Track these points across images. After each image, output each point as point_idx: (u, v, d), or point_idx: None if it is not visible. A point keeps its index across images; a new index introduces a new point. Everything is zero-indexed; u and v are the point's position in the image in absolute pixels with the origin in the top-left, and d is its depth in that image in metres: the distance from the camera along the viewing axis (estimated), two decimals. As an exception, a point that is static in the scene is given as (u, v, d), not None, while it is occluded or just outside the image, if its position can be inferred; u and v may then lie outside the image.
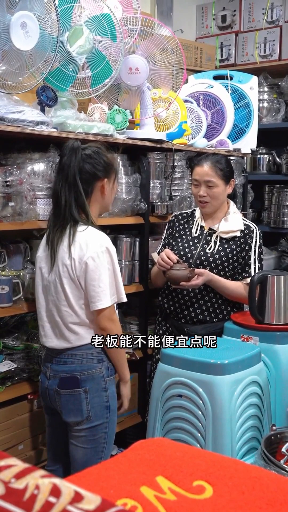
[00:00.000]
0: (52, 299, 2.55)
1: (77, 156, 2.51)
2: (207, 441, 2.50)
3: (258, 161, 5.66)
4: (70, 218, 2.50)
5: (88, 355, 2.52)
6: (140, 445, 1.37)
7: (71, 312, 2.51)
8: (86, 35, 2.93)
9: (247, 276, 3.18)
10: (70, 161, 2.51)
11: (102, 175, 2.59)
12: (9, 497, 0.77)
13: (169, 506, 1.08)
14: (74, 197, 2.51)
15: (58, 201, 2.54)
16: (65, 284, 2.49)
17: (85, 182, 2.54)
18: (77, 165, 2.51)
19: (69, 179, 2.51)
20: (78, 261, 2.46)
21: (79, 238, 2.48)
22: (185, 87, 4.26)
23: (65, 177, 2.52)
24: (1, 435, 2.86)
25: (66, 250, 2.48)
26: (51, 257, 2.53)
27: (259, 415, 2.68)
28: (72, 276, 2.47)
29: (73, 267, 2.46)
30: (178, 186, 3.76)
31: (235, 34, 5.77)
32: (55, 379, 2.55)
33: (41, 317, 2.63)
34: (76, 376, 2.51)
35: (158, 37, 3.28)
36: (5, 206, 2.75)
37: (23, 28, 2.60)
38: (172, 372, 2.65)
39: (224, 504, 1.09)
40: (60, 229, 2.52)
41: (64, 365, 2.54)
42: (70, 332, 2.52)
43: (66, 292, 2.50)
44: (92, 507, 0.74)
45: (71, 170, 2.51)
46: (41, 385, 2.64)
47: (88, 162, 2.55)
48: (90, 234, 2.50)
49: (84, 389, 2.50)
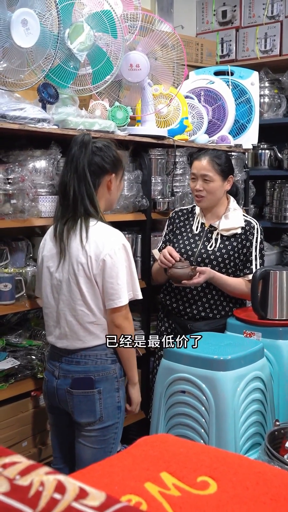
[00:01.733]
0: (64, 299, 2.49)
1: (87, 148, 2.47)
2: (211, 437, 2.50)
3: (260, 157, 5.67)
4: (82, 210, 2.45)
5: (103, 356, 2.50)
6: (144, 441, 1.37)
7: (87, 311, 2.46)
8: (87, 32, 2.93)
9: (248, 272, 3.18)
10: (81, 153, 2.46)
11: (110, 170, 2.56)
12: (14, 494, 0.77)
13: (174, 502, 1.09)
14: (84, 189, 2.46)
15: (66, 193, 2.47)
16: (81, 283, 2.43)
17: (93, 174, 2.50)
18: (87, 157, 2.47)
19: (79, 171, 2.45)
20: (95, 258, 2.41)
21: (93, 234, 2.44)
22: (186, 83, 4.26)
23: (74, 168, 2.46)
24: (5, 432, 2.87)
25: (79, 247, 2.43)
26: (60, 252, 2.48)
27: (262, 411, 2.69)
28: (89, 274, 2.42)
29: (90, 265, 2.42)
30: (179, 182, 3.76)
31: (235, 29, 5.76)
32: (66, 379, 2.50)
33: (51, 317, 2.57)
34: (90, 377, 2.47)
35: (158, 33, 3.28)
36: (7, 204, 2.75)
37: (23, 25, 2.60)
38: (175, 368, 2.65)
39: (228, 500, 1.09)
40: (70, 222, 2.47)
41: (76, 365, 2.50)
42: (86, 331, 2.48)
43: (83, 291, 2.44)
44: (97, 503, 0.75)
45: (80, 162, 2.45)
46: (48, 384, 2.59)
47: (98, 155, 2.52)
48: (105, 230, 2.47)
49: (98, 390, 2.47)
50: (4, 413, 2.87)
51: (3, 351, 2.98)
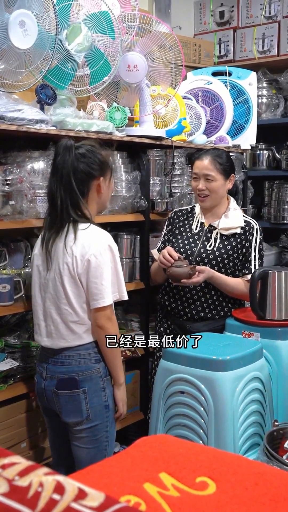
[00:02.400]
0: (50, 297, 2.53)
1: (70, 155, 2.47)
2: (210, 438, 2.50)
3: (258, 157, 5.66)
4: (68, 219, 2.47)
5: (86, 355, 2.51)
6: (143, 442, 1.37)
7: (71, 310, 2.49)
8: (85, 33, 2.93)
9: (247, 272, 3.18)
10: (64, 161, 2.46)
11: (98, 174, 2.55)
12: (13, 494, 0.77)
13: (173, 503, 1.09)
14: (69, 198, 2.47)
15: (54, 202, 2.49)
16: (65, 282, 2.46)
17: (80, 182, 2.50)
18: (70, 165, 2.46)
19: (64, 180, 2.46)
20: (80, 258, 2.43)
21: (81, 236, 2.46)
22: (184, 83, 4.27)
23: (59, 177, 2.47)
24: (4, 433, 2.86)
25: (66, 248, 2.45)
26: (46, 258, 2.52)
27: (261, 411, 2.69)
28: (73, 273, 2.45)
29: (75, 264, 2.44)
30: (178, 183, 3.76)
31: (233, 30, 5.76)
32: (52, 380, 2.52)
33: (37, 315, 2.61)
34: (74, 377, 2.49)
35: (156, 34, 3.28)
36: (5, 205, 2.75)
37: (21, 27, 2.60)
38: (174, 369, 2.65)
39: (228, 500, 1.10)
40: (56, 231, 2.50)
41: (61, 365, 2.52)
42: (69, 331, 2.50)
43: (66, 290, 2.47)
44: (96, 504, 0.75)
45: (65, 170, 2.46)
46: (37, 386, 2.61)
47: (83, 162, 2.50)
48: (93, 232, 2.48)
49: (83, 390, 2.48)
50: (3, 414, 2.87)
51: (1, 352, 2.98)
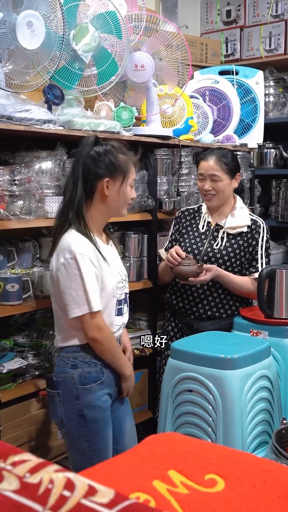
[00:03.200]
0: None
1: (86, 150, 2.46)
2: (218, 436, 2.51)
3: (265, 156, 5.66)
4: (69, 215, 2.45)
5: (64, 358, 2.47)
6: (152, 440, 1.38)
7: (59, 311, 2.49)
8: (92, 33, 2.94)
9: (254, 271, 3.18)
10: (79, 156, 2.47)
11: (103, 174, 2.46)
12: (24, 491, 0.78)
13: (182, 500, 1.09)
14: (73, 195, 2.44)
15: (64, 198, 2.51)
16: (51, 284, 2.51)
17: (86, 180, 2.45)
18: (82, 160, 2.46)
19: (74, 175, 2.46)
20: (54, 268, 2.44)
21: (60, 243, 2.43)
22: (191, 83, 4.27)
23: (71, 172, 2.50)
24: (13, 431, 2.88)
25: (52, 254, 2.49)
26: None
27: (269, 409, 2.69)
28: (52, 280, 2.48)
29: (52, 272, 2.46)
30: (185, 182, 3.77)
31: (240, 29, 5.76)
32: None
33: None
34: (52, 377, 2.49)
35: (163, 33, 3.28)
36: (13, 205, 2.76)
37: (29, 27, 2.61)
38: (182, 367, 2.66)
39: (236, 497, 1.10)
40: (59, 229, 2.48)
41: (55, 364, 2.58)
42: (57, 331, 2.53)
43: (52, 292, 2.51)
44: (106, 500, 0.75)
45: (77, 165, 2.46)
46: None
47: (93, 159, 2.46)
48: (67, 239, 2.41)
49: (58, 392, 2.46)
50: (12, 413, 2.88)
51: (11, 351, 2.99)
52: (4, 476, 0.82)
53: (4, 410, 2.81)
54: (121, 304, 2.58)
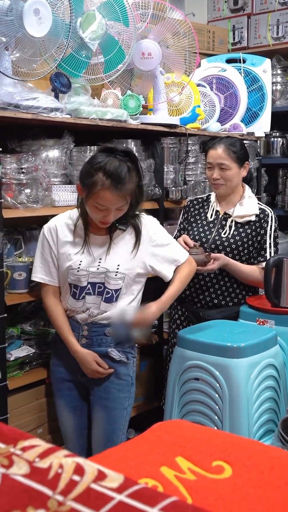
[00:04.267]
0: None
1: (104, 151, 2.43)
2: (224, 424, 2.52)
3: (272, 145, 5.64)
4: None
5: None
6: (159, 427, 1.38)
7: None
8: (99, 21, 2.93)
9: (262, 260, 3.18)
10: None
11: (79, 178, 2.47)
12: (34, 476, 0.79)
13: (189, 486, 1.10)
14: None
15: None
16: None
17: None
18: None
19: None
20: None
21: None
22: (198, 71, 4.25)
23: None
24: (21, 419, 2.90)
25: None
26: None
27: (276, 398, 2.70)
28: None
29: None
30: (192, 170, 3.76)
31: (247, 16, 5.73)
32: None
33: None
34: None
35: (170, 21, 3.27)
36: (20, 193, 2.77)
37: (36, 15, 2.60)
38: (188, 356, 2.66)
39: (243, 484, 1.11)
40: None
41: None
42: None
43: None
44: (115, 485, 0.76)
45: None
46: None
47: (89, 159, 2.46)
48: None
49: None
50: (19, 400, 2.90)
51: (18, 339, 3.00)
52: (14, 460, 0.82)
53: (11, 398, 2.83)
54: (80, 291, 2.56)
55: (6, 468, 0.80)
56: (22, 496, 0.74)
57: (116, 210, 2.40)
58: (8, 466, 0.81)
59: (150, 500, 0.72)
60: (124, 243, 2.57)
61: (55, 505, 0.72)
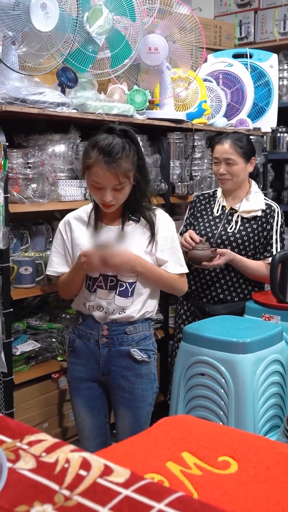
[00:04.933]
0: None
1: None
2: (230, 419, 2.52)
3: (278, 140, 5.63)
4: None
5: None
6: (165, 422, 1.39)
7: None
8: (105, 15, 2.93)
9: (268, 255, 3.18)
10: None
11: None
12: (40, 470, 0.79)
13: (195, 481, 1.10)
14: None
15: None
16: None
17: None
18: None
19: None
20: None
21: None
22: (205, 66, 4.24)
23: None
24: (26, 413, 2.90)
25: None
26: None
27: (281, 393, 2.70)
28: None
29: None
30: (198, 166, 3.76)
31: (254, 11, 5.71)
32: None
33: None
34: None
35: (177, 15, 3.26)
36: (27, 188, 2.77)
37: (43, 9, 2.60)
38: (194, 351, 2.66)
39: (249, 479, 1.11)
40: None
41: None
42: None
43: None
44: (121, 480, 0.76)
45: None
46: None
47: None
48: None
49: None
50: (25, 395, 2.91)
51: (24, 333, 3.01)
52: (20, 455, 0.83)
53: (17, 392, 2.84)
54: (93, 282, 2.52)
55: (13, 463, 0.81)
56: (28, 491, 0.74)
57: (114, 191, 2.36)
58: (14, 460, 0.81)
59: (157, 495, 0.73)
60: (137, 235, 2.52)
61: (61, 500, 0.73)
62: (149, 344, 2.58)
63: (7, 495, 0.74)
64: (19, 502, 0.72)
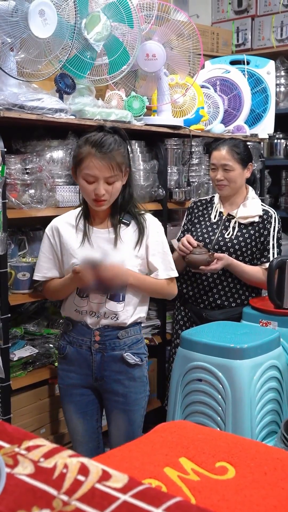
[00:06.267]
0: None
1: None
2: (227, 425, 2.52)
3: (275, 146, 5.65)
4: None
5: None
6: (162, 428, 1.39)
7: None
8: (103, 22, 2.94)
9: (265, 261, 3.18)
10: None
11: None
12: (39, 475, 0.79)
13: (193, 486, 1.11)
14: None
15: None
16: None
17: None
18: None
19: None
20: None
21: None
22: (202, 72, 4.25)
23: None
24: (23, 419, 2.90)
25: None
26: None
27: (279, 399, 2.70)
28: None
29: None
30: (195, 172, 3.77)
31: (251, 18, 5.74)
32: None
33: None
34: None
35: (174, 22, 3.27)
36: (24, 193, 2.77)
37: (41, 16, 2.61)
38: (191, 357, 2.67)
39: (247, 485, 1.11)
40: None
41: None
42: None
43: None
44: (120, 485, 0.77)
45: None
46: None
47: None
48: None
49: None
50: (23, 400, 2.91)
51: (21, 339, 3.01)
52: (19, 460, 0.83)
53: (14, 398, 2.83)
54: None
55: (11, 468, 0.81)
56: (27, 496, 0.75)
57: (107, 184, 2.38)
58: (13, 465, 0.82)
59: (155, 500, 0.73)
60: (128, 239, 2.52)
61: (60, 505, 0.73)
62: (141, 348, 2.60)
63: (5, 500, 0.74)
64: (18, 507, 0.72)
